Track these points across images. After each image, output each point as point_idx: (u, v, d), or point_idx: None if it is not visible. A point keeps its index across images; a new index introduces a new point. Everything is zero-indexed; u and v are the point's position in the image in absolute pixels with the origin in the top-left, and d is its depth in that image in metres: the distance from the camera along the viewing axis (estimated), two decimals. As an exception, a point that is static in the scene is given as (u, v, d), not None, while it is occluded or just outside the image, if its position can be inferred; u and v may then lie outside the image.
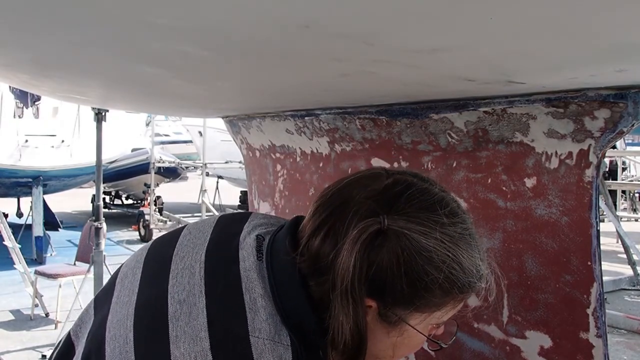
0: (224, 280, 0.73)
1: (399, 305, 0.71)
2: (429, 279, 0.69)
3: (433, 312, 0.73)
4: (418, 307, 0.71)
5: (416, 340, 0.76)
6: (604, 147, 1.09)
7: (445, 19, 0.63)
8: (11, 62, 1.14)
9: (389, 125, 1.42)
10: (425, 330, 0.74)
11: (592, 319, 1.11)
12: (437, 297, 0.71)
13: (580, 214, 1.12)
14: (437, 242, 0.69)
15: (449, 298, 0.72)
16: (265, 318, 0.69)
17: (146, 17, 0.71)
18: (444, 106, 1.25)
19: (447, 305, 0.73)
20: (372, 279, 0.69)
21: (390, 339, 0.74)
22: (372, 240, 0.69)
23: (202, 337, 0.67)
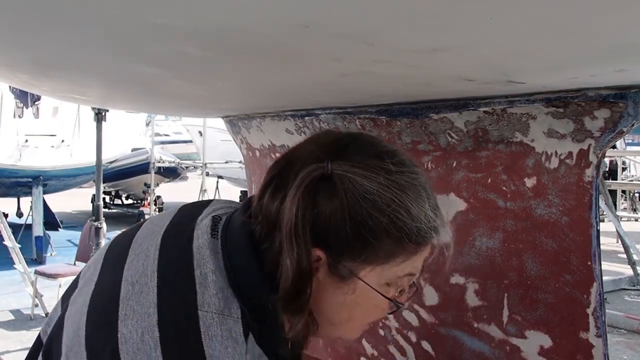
0: (176, 259, 0.72)
1: (348, 256, 0.69)
2: (373, 222, 0.67)
3: (385, 265, 0.70)
4: (367, 258, 0.69)
5: (372, 301, 0.73)
6: (604, 147, 1.09)
7: (445, 19, 0.63)
8: (11, 62, 1.14)
9: (389, 125, 1.42)
10: (380, 288, 0.72)
11: (592, 318, 1.11)
12: (385, 245, 0.69)
13: (580, 214, 1.12)
14: (381, 186, 0.68)
15: (400, 248, 0.70)
16: (215, 292, 0.67)
17: (146, 17, 0.71)
18: (444, 106, 1.25)
19: (398, 256, 0.71)
20: (317, 225, 0.67)
21: (343, 298, 0.71)
22: (316, 185, 0.68)
23: (150, 313, 0.66)
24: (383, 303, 0.73)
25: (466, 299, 1.33)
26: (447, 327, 1.38)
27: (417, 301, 1.46)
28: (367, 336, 1.64)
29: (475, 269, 1.31)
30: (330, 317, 0.74)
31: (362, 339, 1.66)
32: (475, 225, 1.30)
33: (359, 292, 0.71)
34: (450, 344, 1.38)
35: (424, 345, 1.45)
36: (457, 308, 1.35)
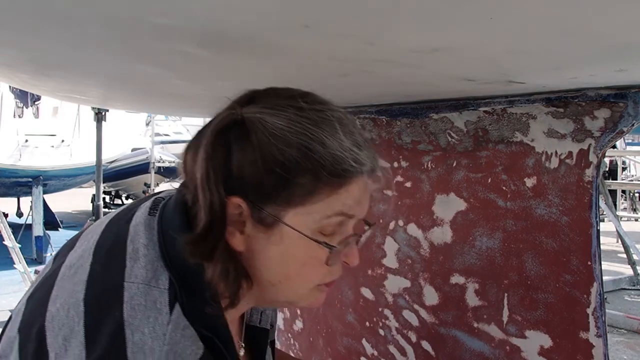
0: (112, 239, 0.71)
1: (268, 200, 0.66)
2: (285, 158, 0.64)
3: (308, 205, 0.66)
4: (288, 199, 0.66)
5: (304, 250, 0.68)
6: (604, 146, 1.09)
7: (446, 19, 0.63)
8: (11, 62, 1.14)
9: (389, 125, 1.42)
10: (309, 232, 0.67)
11: (592, 318, 1.11)
12: (303, 181, 0.65)
13: (580, 214, 1.12)
14: (291, 121, 0.66)
15: (320, 183, 0.66)
16: (144, 264, 0.66)
17: (146, 17, 0.71)
18: (444, 106, 1.26)
19: (320, 193, 0.66)
20: (231, 172, 0.65)
21: (275, 250, 0.68)
22: (227, 132, 0.67)
23: (78, 290, 0.66)
24: (316, 251, 0.68)
25: (466, 299, 1.33)
26: (447, 327, 1.38)
27: (417, 301, 1.46)
28: (367, 336, 1.64)
29: (475, 269, 1.31)
30: (269, 276, 0.70)
31: (362, 339, 1.66)
32: (475, 225, 1.30)
33: (287, 240, 0.67)
34: (450, 344, 1.38)
35: (424, 345, 1.45)
36: (457, 308, 1.35)
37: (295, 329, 1.98)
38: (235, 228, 0.68)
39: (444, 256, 1.38)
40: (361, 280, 1.63)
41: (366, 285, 1.61)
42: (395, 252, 1.51)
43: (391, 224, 1.52)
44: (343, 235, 0.70)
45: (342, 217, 0.69)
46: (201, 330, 0.64)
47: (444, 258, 1.38)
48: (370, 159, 0.70)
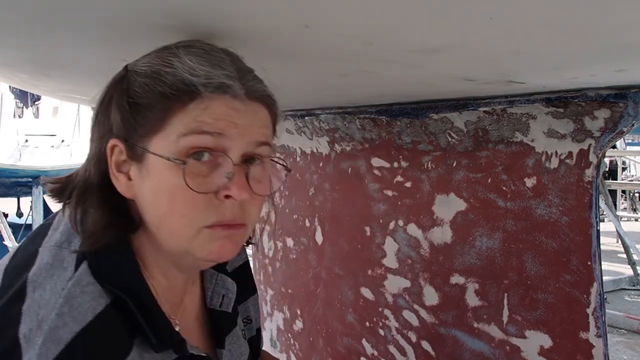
0: (52, 216, 0.76)
1: (135, 133, 0.67)
2: (141, 88, 0.67)
3: (166, 127, 0.66)
4: (149, 127, 0.66)
5: (167, 175, 0.66)
6: (604, 147, 1.09)
7: (445, 19, 0.63)
8: (11, 62, 1.14)
9: (389, 125, 1.42)
10: (170, 155, 0.65)
11: (592, 318, 1.11)
12: (157, 105, 0.66)
13: (580, 214, 1.12)
14: (154, 57, 0.69)
15: (170, 102, 0.66)
16: (62, 231, 0.70)
17: (146, 17, 0.71)
18: (444, 106, 1.25)
19: (173, 112, 0.66)
20: (110, 117, 0.69)
21: (148, 185, 0.68)
22: (111, 86, 0.71)
23: (4, 262, 0.71)
24: (177, 175, 0.65)
25: (466, 299, 1.33)
26: (447, 327, 1.38)
27: (417, 301, 1.46)
28: (367, 336, 1.64)
29: (475, 269, 1.31)
30: (150, 218, 0.69)
31: (362, 339, 1.66)
32: (475, 225, 1.30)
33: (152, 170, 0.67)
34: (450, 344, 1.38)
35: (424, 345, 1.45)
36: (457, 308, 1.35)
37: (295, 329, 1.98)
38: (124, 174, 0.70)
39: (444, 256, 1.38)
40: (361, 280, 1.63)
41: (366, 285, 1.61)
42: (395, 252, 1.51)
43: (391, 224, 1.52)
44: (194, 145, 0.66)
45: (205, 136, 0.65)
46: (112, 289, 0.65)
47: (444, 258, 1.38)
48: (226, 76, 0.67)
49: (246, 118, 0.68)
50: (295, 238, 1.94)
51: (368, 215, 1.58)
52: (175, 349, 0.69)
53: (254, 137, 0.68)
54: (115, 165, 0.69)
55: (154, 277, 0.72)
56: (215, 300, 0.84)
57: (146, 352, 0.66)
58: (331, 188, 1.73)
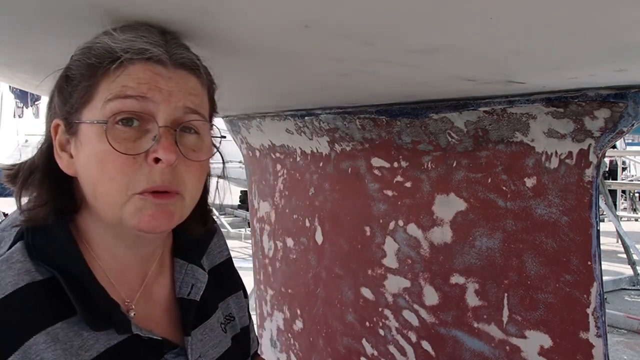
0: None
1: (69, 108, 0.71)
2: (73, 63, 0.71)
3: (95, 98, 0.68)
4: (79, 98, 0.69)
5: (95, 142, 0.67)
6: (604, 146, 1.09)
7: (446, 19, 0.63)
8: (11, 62, 1.14)
9: (389, 125, 1.42)
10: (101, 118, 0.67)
11: (592, 318, 1.11)
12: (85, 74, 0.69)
13: (580, 214, 1.12)
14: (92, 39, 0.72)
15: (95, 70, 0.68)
16: (12, 216, 0.75)
17: (146, 17, 0.71)
18: (444, 106, 1.25)
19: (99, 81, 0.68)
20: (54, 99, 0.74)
21: (82, 156, 0.70)
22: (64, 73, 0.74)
23: None
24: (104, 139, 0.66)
25: (466, 299, 1.33)
26: (447, 327, 1.38)
27: (417, 301, 1.46)
28: (367, 336, 1.64)
29: (475, 269, 1.31)
30: (86, 189, 0.70)
31: (362, 339, 1.66)
32: (475, 225, 1.30)
33: (84, 139, 0.69)
34: (450, 344, 1.38)
35: (424, 345, 1.45)
36: (457, 308, 1.35)
37: (295, 329, 1.98)
38: (66, 152, 0.72)
39: (444, 256, 1.38)
40: (361, 280, 1.63)
41: (366, 285, 1.61)
42: (395, 252, 1.51)
43: (391, 224, 1.52)
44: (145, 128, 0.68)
45: (130, 100, 0.67)
46: (45, 266, 0.68)
47: (444, 258, 1.38)
48: (153, 44, 0.68)
49: (171, 83, 0.69)
50: (295, 238, 1.94)
51: (368, 215, 1.58)
52: (117, 328, 0.70)
53: (181, 102, 0.69)
54: (59, 145, 0.72)
55: (100, 258, 0.74)
56: (184, 290, 0.84)
57: (85, 331, 0.67)
58: (331, 188, 1.73)
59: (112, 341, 0.69)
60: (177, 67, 0.70)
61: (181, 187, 0.70)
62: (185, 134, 0.71)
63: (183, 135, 0.70)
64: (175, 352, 0.77)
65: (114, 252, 0.75)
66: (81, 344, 0.67)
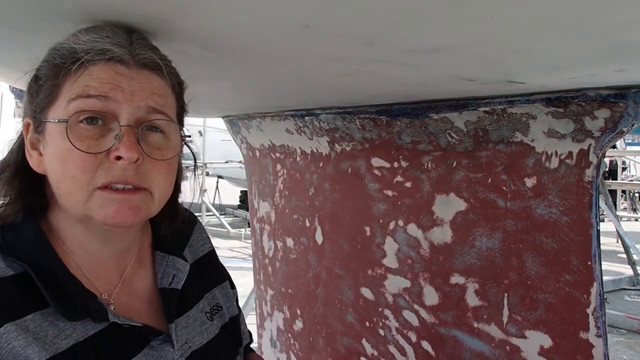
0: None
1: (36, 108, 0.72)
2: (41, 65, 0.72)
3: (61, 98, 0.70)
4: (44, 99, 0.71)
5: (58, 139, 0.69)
6: (604, 146, 1.09)
7: (446, 19, 0.63)
8: (11, 62, 1.14)
9: (389, 125, 1.42)
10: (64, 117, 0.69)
11: (592, 318, 1.11)
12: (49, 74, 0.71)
13: (580, 214, 1.12)
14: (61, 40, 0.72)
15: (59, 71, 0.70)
16: None
17: (146, 17, 0.71)
18: (444, 106, 1.25)
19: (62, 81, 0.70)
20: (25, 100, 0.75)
21: (47, 154, 0.71)
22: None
23: None
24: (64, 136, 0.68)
25: (466, 299, 1.33)
26: (447, 327, 1.38)
27: (417, 301, 1.46)
28: (367, 336, 1.64)
29: (475, 269, 1.31)
30: (52, 184, 0.72)
31: (362, 339, 1.66)
32: (475, 225, 1.30)
33: (48, 137, 0.71)
34: (450, 344, 1.38)
35: (424, 345, 1.45)
36: (457, 308, 1.35)
37: (295, 329, 1.98)
38: (36, 150, 0.74)
39: (444, 256, 1.38)
40: (361, 280, 1.63)
41: (366, 285, 1.61)
42: (395, 252, 1.51)
43: (391, 224, 1.52)
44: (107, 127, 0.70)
45: (92, 99, 0.68)
46: (15, 261, 0.69)
47: (444, 258, 1.38)
48: (115, 45, 0.70)
49: (133, 83, 0.70)
50: (295, 238, 1.94)
51: (368, 215, 1.58)
52: (93, 317, 0.71)
53: (143, 102, 0.70)
54: (29, 143, 0.74)
55: (74, 253, 0.75)
56: (165, 280, 0.85)
57: (61, 321, 0.69)
58: (331, 188, 1.73)
59: (90, 331, 0.70)
60: (140, 67, 0.71)
61: (147, 183, 0.71)
62: (150, 133, 0.72)
63: (148, 134, 0.72)
64: (161, 339, 0.78)
65: (86, 248, 0.76)
66: (57, 333, 0.68)
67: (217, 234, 9.63)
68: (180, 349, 0.80)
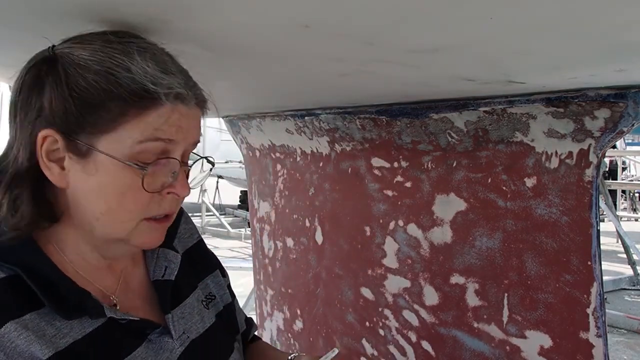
0: None
1: (80, 130, 0.67)
2: (90, 84, 0.66)
3: (120, 130, 0.67)
4: (98, 126, 0.67)
5: (120, 177, 0.69)
6: (604, 146, 1.09)
7: (446, 19, 0.63)
8: (11, 62, 1.14)
9: (389, 125, 1.42)
10: (124, 157, 0.68)
11: (592, 318, 1.11)
12: (111, 106, 0.66)
13: (580, 214, 1.12)
14: (96, 51, 0.67)
15: (127, 106, 0.67)
16: None
17: (146, 17, 0.71)
18: (444, 106, 1.25)
19: (128, 117, 0.67)
20: (43, 106, 0.67)
21: (93, 181, 0.69)
22: (38, 66, 0.69)
23: None
24: (132, 177, 0.69)
25: (466, 299, 1.33)
26: (447, 327, 1.38)
27: (417, 301, 1.46)
28: (367, 336, 1.64)
29: (475, 269, 1.31)
30: (91, 209, 0.71)
31: (362, 339, 1.66)
32: (475, 225, 1.30)
33: (102, 168, 0.68)
34: (450, 344, 1.38)
35: (424, 345, 1.45)
36: (457, 308, 1.35)
37: (295, 329, 1.98)
38: (56, 164, 0.70)
39: (444, 256, 1.38)
40: (361, 280, 1.63)
41: (366, 285, 1.61)
42: (395, 252, 1.51)
43: (391, 224, 1.52)
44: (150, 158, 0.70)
45: (159, 142, 0.69)
46: (5, 265, 0.68)
47: (444, 258, 1.38)
48: (182, 85, 0.70)
49: (189, 121, 0.72)
50: (295, 238, 1.94)
51: (368, 215, 1.58)
52: (90, 314, 0.71)
53: (193, 138, 0.73)
54: (45, 154, 0.69)
55: (72, 261, 0.74)
56: (158, 272, 0.86)
57: (58, 321, 0.68)
58: (331, 188, 1.73)
59: (87, 328, 0.70)
60: (194, 104, 0.73)
61: (177, 210, 0.77)
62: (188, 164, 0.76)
63: (188, 165, 0.76)
64: (159, 332, 0.78)
65: (86, 257, 0.76)
66: (55, 332, 0.67)
67: (217, 234, 9.63)
68: (179, 339, 0.80)
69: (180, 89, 0.69)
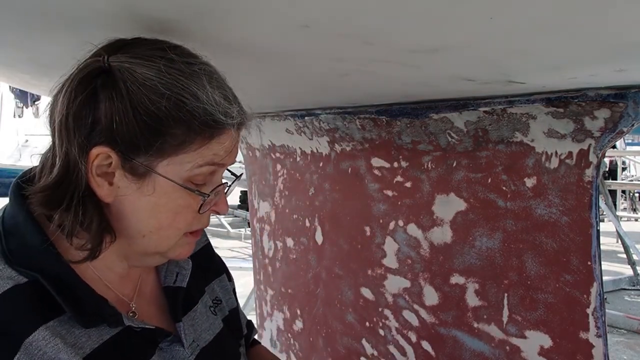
0: None
1: (140, 150, 0.66)
2: (157, 108, 0.64)
3: (181, 154, 0.68)
4: (161, 150, 0.66)
5: (176, 199, 0.70)
6: (604, 147, 1.09)
7: (446, 19, 0.63)
8: (11, 62, 1.14)
9: (389, 125, 1.42)
10: (180, 181, 0.69)
11: (592, 319, 1.11)
12: (176, 131, 0.66)
13: (580, 214, 1.12)
14: (161, 72, 0.65)
15: (192, 133, 0.67)
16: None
17: (146, 17, 0.71)
18: (444, 106, 1.25)
19: (193, 142, 0.68)
20: (99, 121, 0.65)
21: (146, 201, 0.69)
22: (92, 77, 0.66)
23: None
24: (188, 200, 0.71)
25: (466, 299, 1.33)
26: (447, 327, 1.38)
27: (417, 301, 1.46)
28: (367, 336, 1.64)
29: (475, 269, 1.31)
30: (140, 226, 0.71)
31: (362, 339, 1.66)
32: (475, 225, 1.30)
33: (159, 189, 0.68)
34: (450, 344, 1.38)
35: (424, 345, 1.45)
36: (457, 308, 1.35)
37: (295, 329, 1.98)
38: (104, 179, 0.68)
39: (444, 256, 1.38)
40: (361, 280, 1.63)
41: (366, 285, 1.61)
42: (395, 252, 1.51)
43: (391, 224, 1.52)
44: (214, 184, 0.74)
45: (214, 166, 0.72)
46: (24, 270, 0.66)
47: (444, 258, 1.38)
48: (239, 112, 0.72)
49: (236, 144, 0.75)
50: (295, 238, 1.94)
51: (368, 215, 1.58)
52: (109, 323, 0.70)
53: (235, 159, 0.76)
54: (95, 169, 0.67)
55: (96, 267, 0.74)
56: (169, 279, 0.86)
57: (76, 329, 0.68)
58: (331, 188, 1.73)
59: (104, 336, 0.70)
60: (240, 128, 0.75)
61: None
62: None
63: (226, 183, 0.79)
64: (169, 340, 0.78)
65: (111, 265, 0.76)
66: (74, 341, 0.67)
67: (217, 234, 9.63)
68: (190, 347, 0.80)
69: (240, 117, 0.72)
